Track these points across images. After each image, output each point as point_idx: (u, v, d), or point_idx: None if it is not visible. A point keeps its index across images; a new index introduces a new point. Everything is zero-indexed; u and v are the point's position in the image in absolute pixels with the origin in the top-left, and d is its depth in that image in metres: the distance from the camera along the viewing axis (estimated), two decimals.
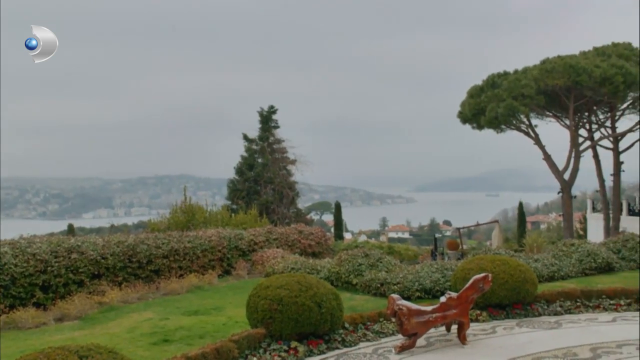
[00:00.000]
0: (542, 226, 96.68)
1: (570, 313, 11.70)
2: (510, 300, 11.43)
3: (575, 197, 35.96)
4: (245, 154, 42.99)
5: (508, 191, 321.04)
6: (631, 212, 35.15)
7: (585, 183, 49.03)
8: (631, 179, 65.95)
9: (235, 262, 18.75)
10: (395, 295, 9.42)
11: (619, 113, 33.23)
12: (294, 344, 9.09)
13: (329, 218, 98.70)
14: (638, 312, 11.66)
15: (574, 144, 32.28)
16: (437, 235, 47.94)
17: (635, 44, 32.18)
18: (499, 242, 33.83)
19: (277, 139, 43.74)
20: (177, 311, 12.79)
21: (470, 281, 9.89)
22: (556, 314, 11.62)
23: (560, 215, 42.83)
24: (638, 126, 32.82)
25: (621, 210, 34.07)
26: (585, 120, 33.79)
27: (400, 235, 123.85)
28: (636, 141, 34.09)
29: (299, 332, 9.24)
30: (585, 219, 42.92)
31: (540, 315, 11.52)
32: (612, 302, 12.04)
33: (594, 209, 39.23)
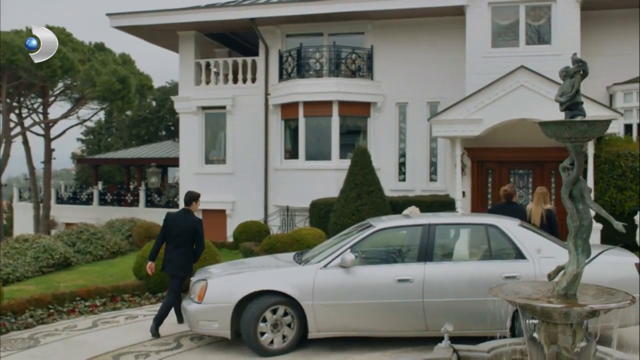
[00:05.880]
0: None
1: (43, 323, 10.07)
2: None
3: (5, 185, 33.49)
4: None
5: None
6: (59, 200, 34.81)
7: (15, 170, 46.73)
8: (62, 166, 66.21)
9: None
10: None
11: (51, 99, 32.24)
12: None
13: None
14: (115, 312, 10.93)
15: (6, 129, 29.89)
16: None
17: (69, 30, 31.76)
18: None
19: None
20: None
21: None
22: (27, 326, 9.83)
23: None
24: (70, 114, 32.60)
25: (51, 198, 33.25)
26: (17, 104, 31.59)
27: None
28: (68, 129, 33.81)
29: None
30: (11, 208, 40.57)
31: (9, 331, 9.55)
32: (87, 304, 10.98)
33: (21, 198, 37.49)
